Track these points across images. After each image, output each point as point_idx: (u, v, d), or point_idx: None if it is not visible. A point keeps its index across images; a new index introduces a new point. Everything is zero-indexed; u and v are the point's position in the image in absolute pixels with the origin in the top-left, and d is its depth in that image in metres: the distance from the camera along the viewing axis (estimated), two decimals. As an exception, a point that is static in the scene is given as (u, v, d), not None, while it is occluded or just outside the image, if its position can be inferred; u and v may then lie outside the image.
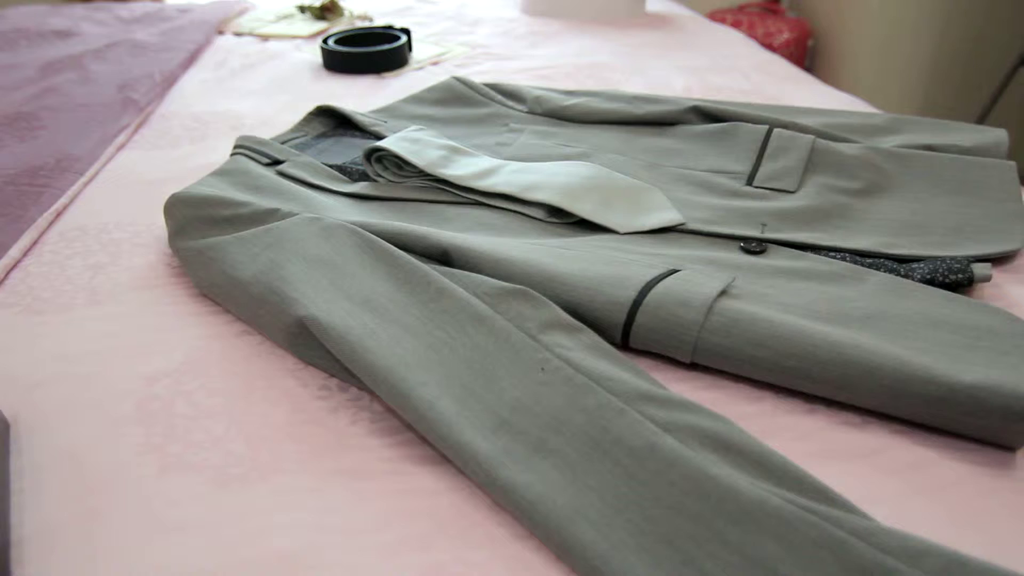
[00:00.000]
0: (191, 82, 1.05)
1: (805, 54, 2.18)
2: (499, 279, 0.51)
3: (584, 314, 0.49)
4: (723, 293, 0.49)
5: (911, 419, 0.42)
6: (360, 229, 0.55)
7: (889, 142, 0.75)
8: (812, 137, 0.72)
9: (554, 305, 0.48)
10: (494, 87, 0.91)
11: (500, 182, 0.66)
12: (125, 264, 0.60)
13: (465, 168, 0.68)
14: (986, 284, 0.56)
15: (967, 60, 2.00)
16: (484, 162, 0.70)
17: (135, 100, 0.91)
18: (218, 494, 0.39)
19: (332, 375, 0.48)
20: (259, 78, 1.07)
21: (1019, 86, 1.97)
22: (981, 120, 1.81)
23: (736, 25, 2.17)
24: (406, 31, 1.16)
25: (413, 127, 0.75)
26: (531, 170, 0.67)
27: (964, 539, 0.36)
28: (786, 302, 0.50)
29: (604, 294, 0.48)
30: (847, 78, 2.07)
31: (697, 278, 0.50)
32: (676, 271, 0.52)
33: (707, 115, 0.80)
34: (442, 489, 0.39)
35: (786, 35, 2.10)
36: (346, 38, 1.16)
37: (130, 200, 0.71)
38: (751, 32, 2.14)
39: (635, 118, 0.81)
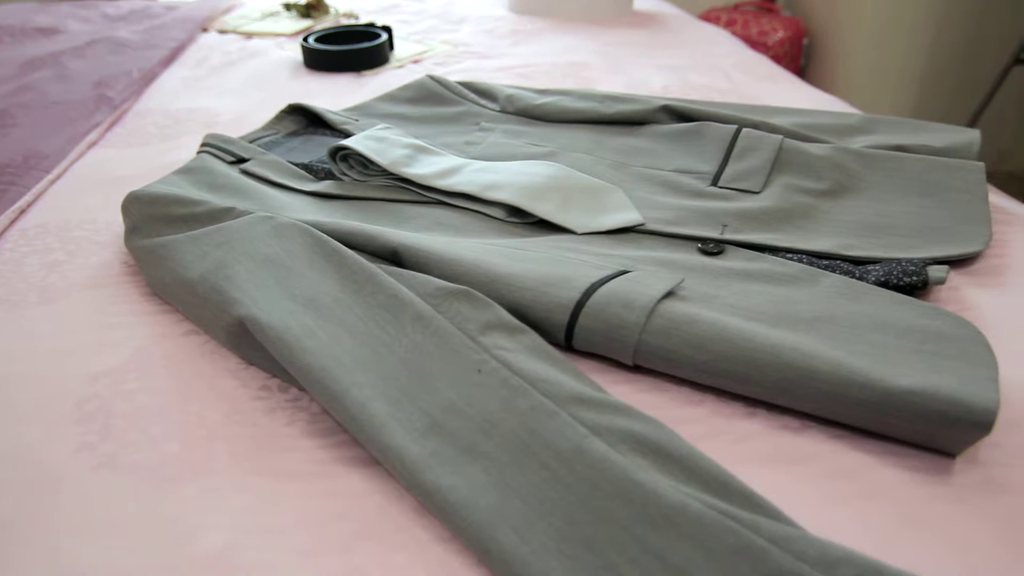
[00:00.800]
0: (170, 80, 1.05)
1: (800, 53, 2.17)
2: (446, 279, 0.51)
3: (529, 315, 0.48)
4: (670, 295, 0.49)
5: (850, 424, 0.42)
6: (312, 228, 0.55)
7: (861, 142, 0.75)
8: (780, 137, 0.72)
9: (497, 306, 0.48)
10: (468, 86, 0.91)
11: (461, 181, 0.66)
12: (81, 262, 0.60)
13: (428, 167, 0.68)
14: (943, 287, 0.55)
15: (962, 59, 1.99)
16: (448, 161, 0.69)
17: (110, 98, 0.91)
18: (148, 494, 0.39)
19: (274, 375, 0.48)
20: (238, 76, 1.06)
21: (1014, 85, 1.95)
22: (975, 119, 1.80)
23: (731, 24, 2.16)
24: (387, 29, 1.16)
25: (380, 125, 0.75)
26: (493, 169, 0.67)
27: (893, 546, 0.36)
28: (735, 304, 0.49)
29: (548, 295, 0.48)
30: (842, 76, 2.06)
31: (645, 280, 0.49)
32: (626, 272, 0.51)
33: (677, 114, 0.80)
34: (370, 491, 0.39)
35: (781, 34, 2.09)
36: (328, 36, 1.16)
37: (94, 198, 0.71)
38: (745, 31, 2.13)
39: (605, 117, 0.81)
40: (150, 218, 0.59)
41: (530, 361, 0.44)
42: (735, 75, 1.05)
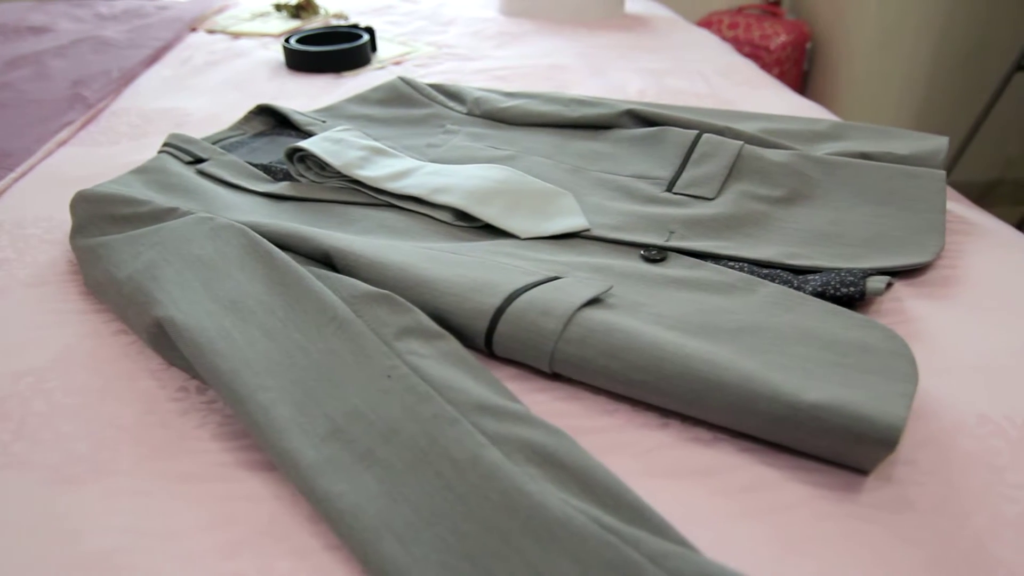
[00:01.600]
0: (151, 79, 1.05)
1: (804, 57, 2.14)
2: (374, 282, 0.51)
3: (451, 320, 0.48)
4: (596, 303, 0.48)
5: (759, 437, 0.41)
6: (248, 230, 0.55)
7: (826, 149, 0.74)
8: (740, 143, 0.71)
9: (417, 311, 0.47)
10: (439, 88, 0.91)
11: (411, 184, 0.65)
12: (29, 260, 0.61)
13: (381, 169, 0.68)
14: (886, 297, 0.54)
15: (966, 64, 1.96)
16: (402, 164, 0.69)
17: (85, 97, 0.91)
18: (46, 493, 0.39)
19: (193, 377, 0.48)
20: (218, 76, 1.07)
21: (1017, 90, 1.92)
22: (978, 126, 1.77)
23: (733, 27, 2.14)
24: (369, 31, 1.16)
25: (340, 127, 0.75)
26: (445, 172, 0.67)
27: (789, 564, 0.35)
28: (661, 313, 0.49)
29: (471, 301, 0.48)
30: (845, 81, 2.03)
31: (570, 287, 0.49)
32: (555, 279, 0.51)
33: (642, 119, 0.79)
34: (266, 496, 0.39)
35: (783, 37, 2.06)
36: (312, 37, 1.17)
37: (54, 196, 0.71)
38: (748, 34, 2.11)
39: (570, 121, 0.80)
40: (95, 217, 0.59)
41: (442, 367, 0.43)
42: (715, 80, 1.04)
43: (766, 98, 0.97)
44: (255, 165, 0.73)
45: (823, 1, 2.14)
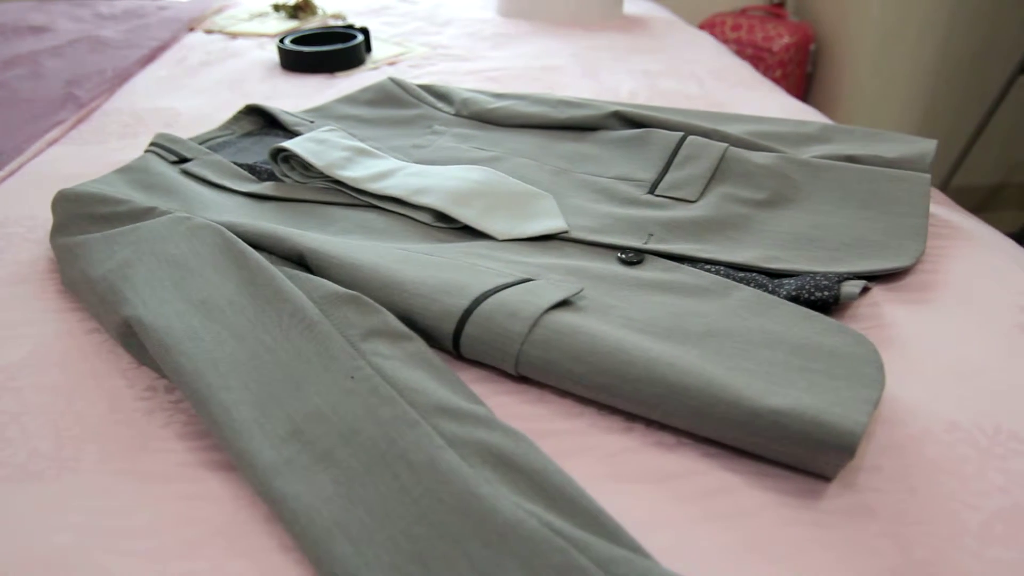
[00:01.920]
0: (146, 79, 1.06)
1: (807, 59, 2.13)
2: (345, 283, 0.51)
3: (420, 322, 0.48)
4: (566, 305, 0.48)
5: (722, 442, 0.40)
6: (224, 230, 0.55)
7: (813, 151, 0.73)
8: (725, 145, 0.70)
9: (385, 312, 0.47)
10: (428, 89, 0.91)
11: (392, 185, 0.65)
12: (10, 258, 0.61)
13: (364, 170, 0.68)
14: (863, 302, 0.54)
15: (971, 67, 1.94)
16: (384, 164, 0.69)
17: (77, 96, 0.92)
18: (9, 490, 0.39)
19: (162, 376, 0.48)
20: (212, 76, 1.07)
21: (1022, 93, 1.90)
22: (981, 129, 1.75)
23: (736, 28, 2.13)
24: (364, 31, 1.16)
25: (325, 127, 0.75)
26: (426, 173, 0.67)
27: (749, 569, 0.35)
28: (631, 316, 0.48)
29: (439, 302, 0.48)
30: (849, 83, 2.02)
31: (539, 290, 0.48)
32: (527, 281, 0.50)
33: (629, 120, 0.79)
34: (226, 496, 0.39)
35: (786, 39, 2.05)
36: (307, 37, 1.17)
37: (39, 195, 0.72)
38: (751, 36, 2.10)
39: (557, 122, 0.80)
40: (75, 216, 0.60)
41: (406, 369, 0.43)
42: (709, 81, 1.03)
43: (759, 100, 0.96)
44: (240, 165, 0.73)
45: (827, 3, 2.13)
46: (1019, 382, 0.46)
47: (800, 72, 2.14)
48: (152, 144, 0.73)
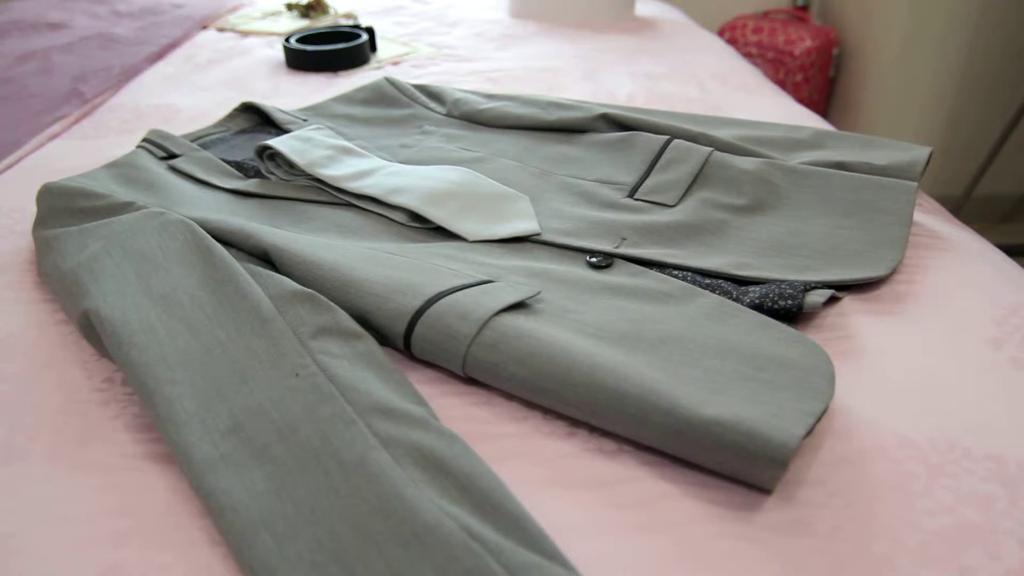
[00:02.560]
0: (153, 76, 1.08)
1: (830, 63, 2.09)
2: (305, 280, 0.51)
3: (373, 321, 0.48)
4: (522, 307, 0.48)
5: (661, 450, 0.40)
6: (195, 225, 0.56)
7: (803, 157, 0.72)
8: (709, 150, 0.69)
9: (338, 311, 0.47)
10: (422, 89, 0.91)
11: (370, 184, 0.66)
12: (-6, 249, 0.63)
13: (344, 168, 0.68)
14: (831, 312, 0.53)
15: (997, 72, 1.89)
16: (366, 163, 0.69)
17: (82, 92, 0.94)
18: (-43, 478, 0.40)
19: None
20: (218, 74, 1.09)
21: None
22: (1007, 135, 1.71)
23: (757, 31, 2.10)
24: (369, 31, 1.17)
25: (312, 126, 0.75)
26: (405, 173, 0.67)
27: (667, 582, 0.34)
28: (585, 320, 0.48)
29: (393, 302, 0.48)
30: (872, 88, 1.98)
31: (496, 291, 0.48)
32: (486, 282, 0.50)
33: (616, 123, 0.78)
34: (163, 488, 0.39)
35: (808, 43, 2.02)
36: (314, 36, 1.18)
37: (31, 188, 0.73)
38: (772, 39, 2.07)
39: (546, 124, 0.80)
40: (57, 210, 0.61)
41: (353, 368, 0.43)
42: (710, 85, 1.02)
43: (759, 104, 0.95)
44: (229, 162, 0.74)
45: (851, 6, 2.09)
46: (981, 398, 0.44)
47: (822, 76, 2.10)
48: (144, 140, 0.74)
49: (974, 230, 0.65)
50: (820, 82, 2.11)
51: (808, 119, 0.90)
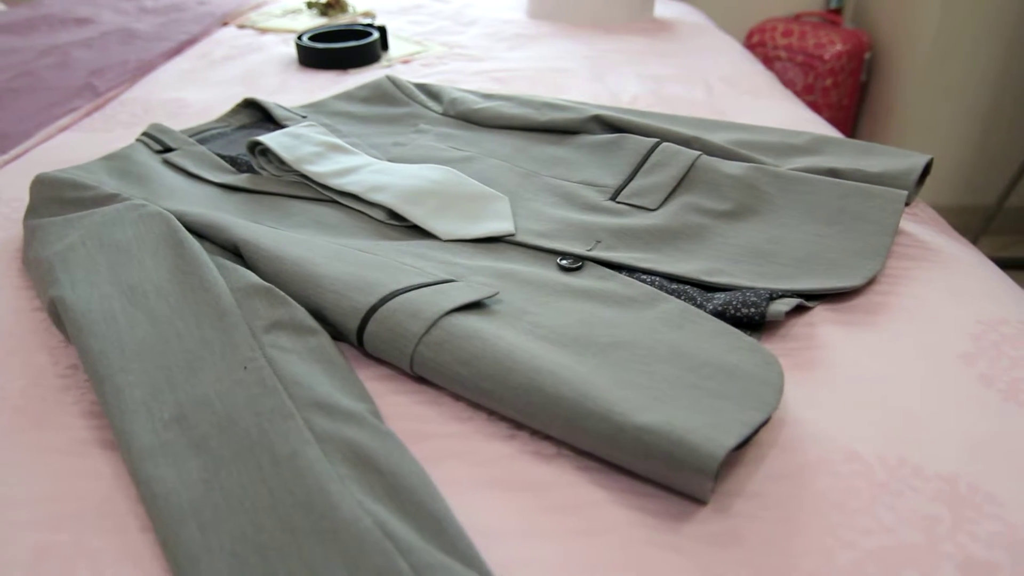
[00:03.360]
0: (168, 71, 1.10)
1: (861, 67, 2.05)
2: (268, 274, 0.52)
3: (330, 317, 0.48)
4: (478, 307, 0.48)
5: (597, 455, 0.39)
6: (172, 218, 0.57)
7: (796, 163, 0.70)
8: (697, 154, 0.68)
9: (295, 305, 0.48)
10: (422, 88, 0.91)
11: (353, 181, 0.66)
12: (-11, 237, 0.65)
13: (330, 165, 0.69)
14: (800, 321, 0.51)
15: (1036, 81, 1.83)
16: (352, 160, 0.70)
17: (95, 86, 0.96)
18: (-84, 457, 0.42)
19: (86, 355, 0.49)
20: (231, 70, 1.11)
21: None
22: (1041, 147, 1.65)
23: (787, 34, 2.07)
24: (381, 29, 1.18)
25: (304, 122, 0.76)
26: (388, 171, 0.67)
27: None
28: (540, 323, 0.48)
29: (349, 298, 0.48)
30: (904, 94, 1.93)
31: (454, 291, 0.48)
32: (448, 281, 0.50)
33: (608, 125, 0.77)
34: (107, 475, 0.40)
35: (839, 47, 1.98)
36: (328, 34, 1.19)
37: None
38: (802, 42, 2.03)
39: (539, 125, 0.79)
40: (47, 200, 0.63)
41: (301, 363, 0.44)
42: (718, 87, 1.01)
43: (765, 108, 0.93)
44: (223, 156, 0.76)
45: (885, 10, 2.04)
46: (942, 416, 0.43)
47: (853, 81, 2.06)
48: (143, 133, 0.76)
49: (1007, 241, 0.63)
50: (850, 87, 2.06)
51: (814, 125, 0.88)
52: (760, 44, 2.13)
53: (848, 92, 2.07)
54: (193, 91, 1.02)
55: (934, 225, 0.66)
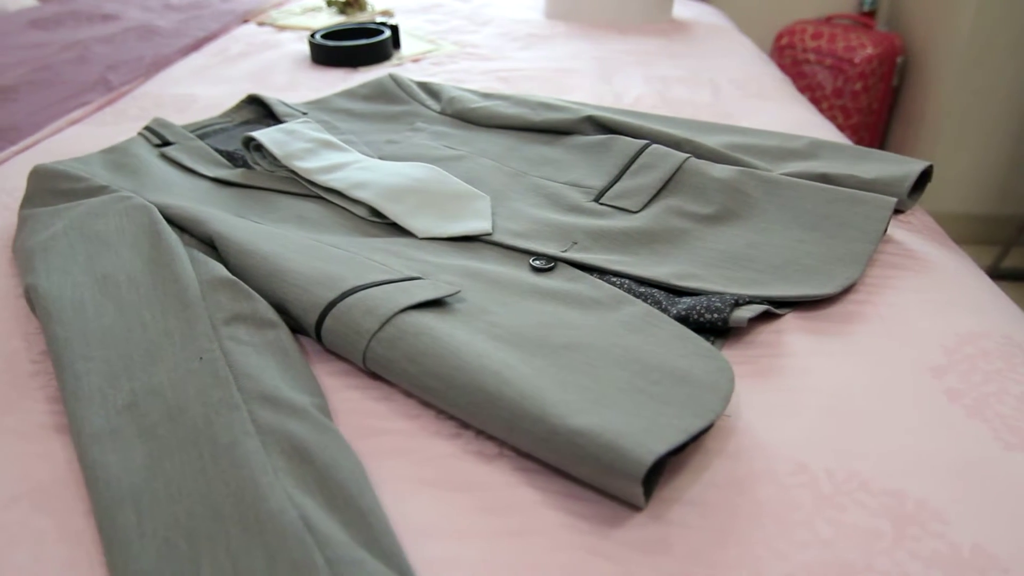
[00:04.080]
0: (184, 67, 1.12)
1: (893, 71, 2.00)
2: (237, 267, 0.52)
3: (291, 311, 0.49)
4: (438, 304, 0.48)
5: (537, 456, 0.39)
6: (155, 210, 0.58)
7: (788, 167, 0.69)
8: (685, 156, 0.68)
9: (258, 299, 0.49)
10: (423, 86, 0.92)
11: (338, 177, 0.67)
12: (-12, 225, 0.67)
13: (319, 161, 0.69)
14: (768, 328, 0.51)
15: (1075, 87, 1.77)
16: (341, 157, 0.71)
17: (109, 81, 0.99)
18: None
19: (59, 342, 0.51)
20: (244, 66, 1.13)
21: None
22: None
23: (816, 37, 2.03)
24: (393, 28, 1.19)
25: (300, 119, 0.77)
26: (374, 168, 0.68)
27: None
28: (497, 323, 0.48)
29: (310, 293, 0.48)
30: (937, 99, 1.88)
31: (415, 288, 0.48)
32: (412, 279, 0.51)
33: (601, 126, 0.77)
34: (61, 459, 0.41)
35: (869, 50, 1.93)
36: (342, 33, 1.21)
37: (40, 169, 0.78)
38: (831, 45, 1.99)
39: (533, 125, 0.79)
40: (41, 190, 0.64)
41: (256, 356, 0.45)
42: (726, 89, 0.99)
43: (770, 111, 0.92)
44: (221, 152, 0.77)
45: (920, 13, 1.99)
46: (900, 429, 0.42)
47: (884, 85, 2.01)
48: (145, 127, 0.78)
49: None
50: (881, 91, 2.01)
51: (821, 129, 0.87)
52: (789, 46, 2.09)
53: (879, 96, 2.02)
54: (204, 87, 1.04)
55: (928, 234, 0.64)
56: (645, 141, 0.71)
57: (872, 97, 2.01)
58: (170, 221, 0.58)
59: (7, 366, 0.49)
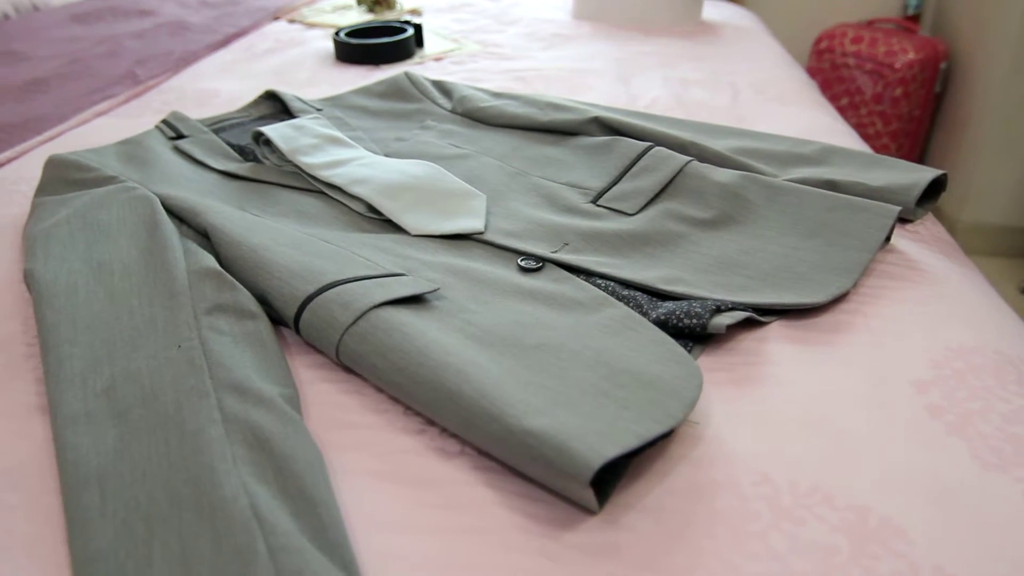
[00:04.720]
0: (211, 63, 1.15)
1: (936, 77, 1.94)
2: (226, 258, 0.54)
3: (272, 303, 0.50)
4: (416, 301, 0.48)
5: (496, 456, 0.39)
6: (157, 201, 0.60)
7: (795, 173, 0.68)
8: (687, 159, 0.67)
9: (241, 290, 0.49)
10: (437, 84, 0.92)
11: (339, 173, 0.68)
12: (3, 212, 0.69)
13: (323, 157, 0.70)
14: (752, 336, 0.50)
15: None
16: (346, 153, 0.72)
17: (136, 75, 1.02)
18: None
19: (54, 326, 0.52)
20: (270, 63, 1.15)
21: None
22: None
23: (857, 41, 1.98)
24: (417, 26, 1.20)
25: (310, 115, 0.78)
26: (373, 165, 0.68)
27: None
28: (472, 321, 0.48)
29: (291, 286, 0.49)
30: (981, 106, 1.82)
31: (394, 285, 0.49)
32: (395, 275, 0.51)
33: (607, 127, 0.76)
34: (40, 438, 0.43)
35: (911, 55, 1.88)
36: (367, 31, 1.22)
37: (61, 159, 0.80)
38: (872, 49, 1.94)
39: (540, 125, 0.79)
40: (54, 179, 0.67)
41: (233, 346, 0.45)
42: (745, 93, 0.98)
43: (788, 116, 0.90)
44: (234, 146, 0.79)
45: (966, 18, 1.93)
46: (873, 444, 0.41)
47: (926, 91, 1.95)
48: (162, 120, 0.80)
49: None
50: (923, 97, 1.96)
51: (840, 135, 0.85)
52: (828, 50, 2.05)
53: (920, 103, 1.97)
54: (228, 82, 1.06)
55: (936, 245, 0.62)
56: (648, 143, 0.71)
57: (913, 103, 1.96)
58: (170, 212, 0.60)
59: (2, 347, 0.50)
